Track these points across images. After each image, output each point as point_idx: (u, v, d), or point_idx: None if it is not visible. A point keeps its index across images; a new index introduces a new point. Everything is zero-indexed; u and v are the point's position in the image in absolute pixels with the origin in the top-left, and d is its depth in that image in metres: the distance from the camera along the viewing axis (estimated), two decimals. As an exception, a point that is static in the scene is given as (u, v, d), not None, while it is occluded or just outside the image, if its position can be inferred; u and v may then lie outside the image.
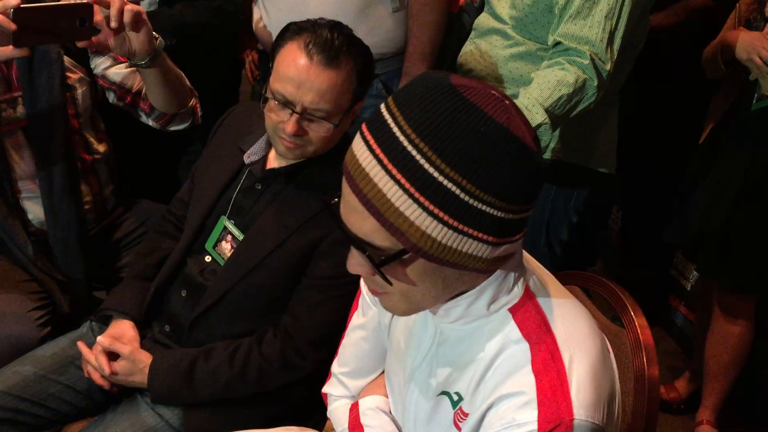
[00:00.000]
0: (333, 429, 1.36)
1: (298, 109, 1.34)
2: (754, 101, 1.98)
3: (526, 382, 0.89)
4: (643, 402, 1.09)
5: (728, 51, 1.98)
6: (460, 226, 0.80)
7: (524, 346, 0.91)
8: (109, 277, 1.87)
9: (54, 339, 1.62)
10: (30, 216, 1.75)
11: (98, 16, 1.46)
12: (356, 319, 1.23)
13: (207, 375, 1.42)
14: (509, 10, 1.78)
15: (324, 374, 1.36)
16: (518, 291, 0.94)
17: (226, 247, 1.50)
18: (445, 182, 0.78)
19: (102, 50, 1.66)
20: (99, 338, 1.48)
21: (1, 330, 1.59)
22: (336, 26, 1.38)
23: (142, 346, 1.50)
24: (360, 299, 1.22)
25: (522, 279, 0.94)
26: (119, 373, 1.45)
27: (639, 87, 2.48)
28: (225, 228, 1.51)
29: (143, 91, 1.75)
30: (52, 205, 1.70)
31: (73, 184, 1.74)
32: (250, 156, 1.50)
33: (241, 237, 1.48)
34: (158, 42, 1.57)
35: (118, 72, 1.75)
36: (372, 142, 0.81)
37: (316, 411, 1.57)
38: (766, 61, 1.86)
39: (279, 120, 1.37)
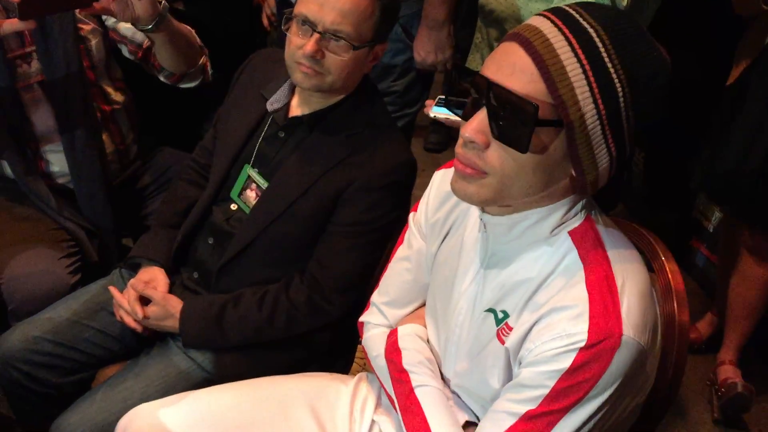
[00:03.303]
0: (358, 372, 1.39)
1: (319, 28, 1.33)
2: None
3: (579, 296, 0.92)
4: (672, 346, 1.10)
5: None
6: (606, 127, 0.89)
7: (579, 265, 0.95)
8: (136, 225, 1.89)
9: (85, 286, 1.65)
10: (56, 169, 1.76)
11: None
12: (401, 251, 1.27)
13: (236, 320, 1.44)
14: None
15: (350, 320, 1.38)
16: (580, 218, 0.98)
17: (251, 196, 1.51)
18: (615, 80, 0.87)
19: (106, 15, 1.63)
20: (131, 281, 1.51)
21: (33, 278, 1.62)
22: None
23: (172, 291, 1.52)
24: (407, 232, 1.26)
25: (586, 209, 0.99)
26: (151, 317, 1.47)
27: (664, 29, 2.42)
28: (249, 177, 1.51)
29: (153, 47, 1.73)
30: (75, 158, 1.71)
31: (95, 135, 1.74)
32: (272, 104, 1.49)
33: (265, 185, 1.48)
34: (162, 6, 1.53)
35: (128, 26, 1.72)
36: (560, 23, 0.89)
37: (341, 356, 1.60)
38: None
39: (299, 44, 1.35)
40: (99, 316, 1.57)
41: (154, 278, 1.53)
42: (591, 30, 0.88)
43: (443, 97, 1.30)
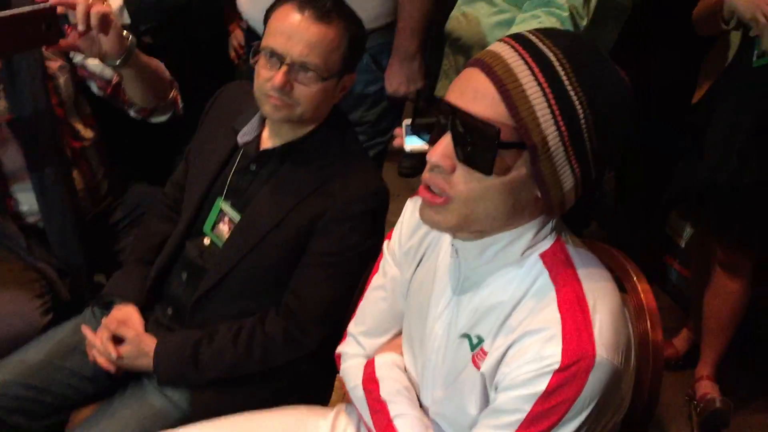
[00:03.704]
0: (338, 403, 1.38)
1: (287, 60, 1.34)
2: (755, 58, 1.98)
3: (552, 318, 0.93)
4: (647, 366, 1.11)
5: (729, 9, 1.96)
6: (569, 149, 0.90)
7: (551, 287, 0.96)
8: (109, 262, 1.86)
9: (57, 326, 1.62)
10: (25, 208, 1.74)
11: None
12: (376, 280, 1.27)
13: (212, 356, 1.43)
14: None
15: (328, 350, 1.38)
16: (551, 239, 0.99)
17: (224, 229, 1.50)
18: (576, 103, 0.89)
19: (74, 52, 1.62)
20: (105, 320, 1.49)
21: (4, 320, 1.59)
22: None
23: (146, 329, 1.50)
24: (382, 260, 1.26)
25: (556, 230, 1.00)
26: (125, 356, 1.45)
27: (632, 51, 2.46)
28: (222, 210, 1.50)
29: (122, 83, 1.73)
30: (45, 196, 1.69)
31: (65, 173, 1.72)
32: (243, 136, 1.49)
33: (238, 218, 1.48)
34: (130, 41, 1.52)
35: (96, 63, 1.71)
36: (520, 49, 0.91)
37: (320, 388, 1.59)
38: None
39: (268, 77, 1.36)
40: (72, 357, 1.54)
41: (128, 317, 1.51)
42: (550, 54, 0.90)
43: (409, 122, 1.31)
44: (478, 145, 0.89)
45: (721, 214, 2.12)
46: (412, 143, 1.49)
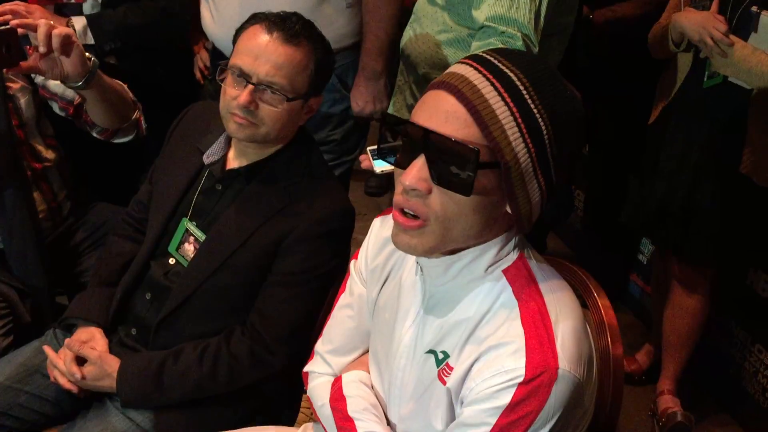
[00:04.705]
0: (304, 422, 1.38)
1: (253, 80, 1.35)
2: (705, 78, 2.04)
3: (516, 333, 0.95)
4: (608, 380, 1.13)
5: (677, 32, 2.03)
6: (536, 164, 0.93)
7: (514, 302, 0.97)
8: (71, 283, 1.84)
9: (17, 348, 1.59)
10: None
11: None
12: (343, 299, 1.27)
13: (176, 377, 1.42)
14: None
15: (295, 369, 1.37)
16: (514, 255, 1.01)
17: (189, 249, 1.49)
18: (539, 119, 0.92)
19: (35, 74, 1.61)
20: (68, 340, 1.47)
21: (-38, 343, 1.56)
22: (298, 14, 1.41)
23: (109, 350, 1.48)
24: (348, 279, 1.26)
25: (519, 248, 1.02)
26: (87, 377, 1.43)
27: (588, 70, 2.52)
28: (187, 230, 1.50)
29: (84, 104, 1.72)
30: (5, 218, 1.67)
31: (25, 194, 1.70)
32: (209, 156, 1.49)
33: (203, 238, 1.47)
34: (92, 62, 1.52)
35: (57, 84, 1.69)
36: (483, 70, 0.93)
37: (287, 407, 1.58)
38: (717, 41, 1.91)
39: (234, 95, 1.37)
40: (33, 380, 1.51)
41: (91, 338, 1.49)
42: (511, 74, 0.93)
43: (375, 147, 1.33)
44: (455, 166, 0.90)
45: (676, 233, 2.17)
46: (382, 166, 1.51)
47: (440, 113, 0.92)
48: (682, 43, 2.04)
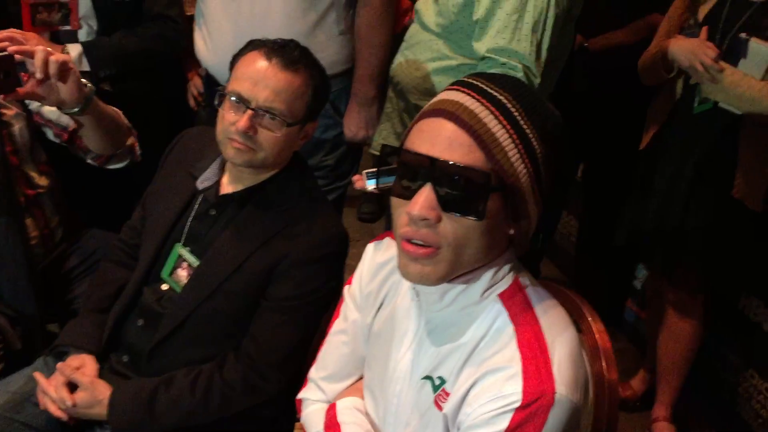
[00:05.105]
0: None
1: (252, 105, 1.36)
2: (696, 104, 2.06)
3: (512, 357, 0.94)
4: (604, 406, 1.12)
5: (668, 58, 2.05)
6: (533, 183, 0.95)
7: (510, 327, 0.97)
8: (62, 310, 1.83)
9: (7, 376, 1.57)
10: None
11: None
12: (338, 325, 1.26)
13: (168, 404, 1.40)
14: (436, 17, 1.81)
15: (288, 395, 1.36)
16: (509, 279, 1.02)
17: (183, 275, 1.49)
18: (532, 139, 0.95)
19: (32, 100, 1.61)
20: (59, 365, 1.45)
21: (-49, 371, 1.55)
22: (295, 42, 1.43)
23: (100, 377, 1.47)
24: (342, 305, 1.26)
25: (514, 271, 1.03)
26: (78, 404, 1.41)
27: (584, 96, 2.54)
28: (180, 256, 1.49)
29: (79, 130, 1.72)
30: None
31: (18, 221, 1.69)
32: (203, 182, 1.49)
33: (196, 264, 1.47)
34: (88, 88, 1.53)
35: (52, 110, 1.70)
36: (475, 95, 0.95)
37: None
38: (708, 67, 1.93)
39: (232, 120, 1.37)
40: (23, 408, 1.50)
41: (83, 364, 1.48)
42: (502, 98, 0.95)
43: (371, 171, 1.33)
44: (467, 192, 0.91)
45: (668, 258, 2.17)
46: (373, 184, 1.51)
47: (442, 140, 0.93)
48: (673, 70, 2.06)
